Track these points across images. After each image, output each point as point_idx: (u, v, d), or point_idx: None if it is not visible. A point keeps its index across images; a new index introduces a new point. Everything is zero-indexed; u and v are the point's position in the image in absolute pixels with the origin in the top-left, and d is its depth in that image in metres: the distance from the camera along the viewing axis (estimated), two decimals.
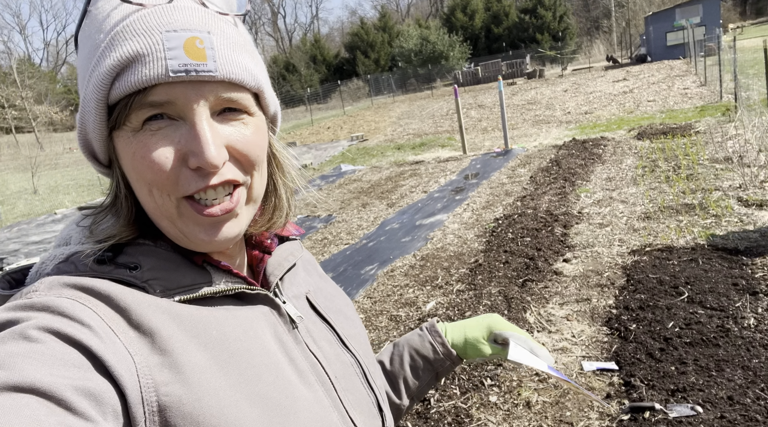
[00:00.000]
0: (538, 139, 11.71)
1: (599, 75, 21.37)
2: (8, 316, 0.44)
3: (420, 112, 21.49)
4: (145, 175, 0.50)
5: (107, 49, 0.48)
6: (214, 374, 0.48)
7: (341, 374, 0.63)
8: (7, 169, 25.43)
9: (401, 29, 45.62)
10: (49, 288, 0.48)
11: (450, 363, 0.87)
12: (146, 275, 0.52)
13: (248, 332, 0.54)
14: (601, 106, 15.19)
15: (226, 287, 0.55)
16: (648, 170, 7.04)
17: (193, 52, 0.48)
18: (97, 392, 0.41)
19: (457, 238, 5.66)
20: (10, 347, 0.41)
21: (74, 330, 0.43)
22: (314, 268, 0.77)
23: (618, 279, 4.00)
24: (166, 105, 0.49)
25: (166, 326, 0.48)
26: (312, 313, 0.67)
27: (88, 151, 0.55)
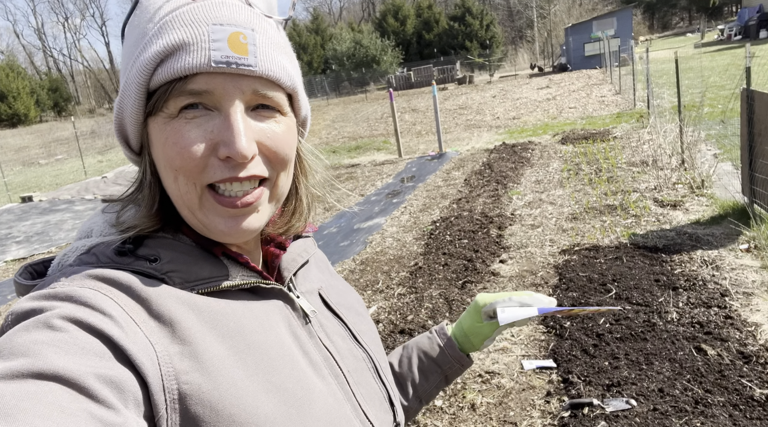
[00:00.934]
0: (471, 142, 12.04)
1: (524, 82, 22.35)
2: (32, 305, 0.45)
3: (355, 115, 21.50)
4: (174, 161, 0.51)
5: (155, 36, 0.51)
6: (232, 364, 0.50)
7: (354, 368, 0.64)
8: None
9: (334, 32, 45.55)
10: (72, 279, 0.49)
11: (459, 365, 0.88)
12: (166, 267, 0.53)
13: (264, 324, 0.55)
14: (527, 112, 15.87)
15: (243, 281, 0.56)
16: (572, 173, 7.41)
17: (237, 46, 0.50)
18: (118, 381, 0.42)
19: (396, 241, 5.67)
20: (35, 335, 0.42)
21: (96, 320, 0.45)
22: (326, 266, 0.78)
23: (551, 278, 4.15)
24: (205, 94, 0.50)
25: (186, 317, 0.50)
26: (324, 308, 0.68)
27: (122, 136, 0.57)
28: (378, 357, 0.70)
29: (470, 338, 0.87)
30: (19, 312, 0.45)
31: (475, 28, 42.74)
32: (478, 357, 3.19)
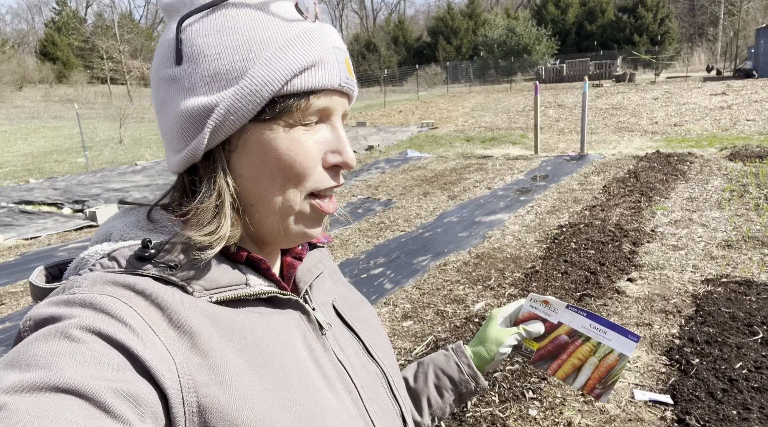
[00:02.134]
0: (618, 147, 11.11)
1: (696, 86, 19.90)
2: (51, 311, 0.45)
3: (495, 105, 20.94)
4: (291, 169, 0.53)
5: (287, 48, 0.52)
6: (250, 378, 0.50)
7: (367, 384, 0.63)
8: (98, 117, 27.27)
9: (488, 18, 44.43)
10: (93, 284, 0.48)
11: (474, 384, 0.86)
12: (186, 274, 0.52)
13: (280, 337, 0.55)
14: (693, 119, 14.17)
15: (261, 290, 0.56)
16: (736, 195, 6.50)
17: (349, 69, 0.57)
18: (136, 395, 0.42)
19: (516, 240, 5.48)
20: (53, 345, 0.41)
21: (115, 330, 0.44)
22: (339, 277, 0.77)
23: (686, 308, 3.73)
24: (325, 109, 0.55)
25: (205, 328, 0.49)
26: (338, 321, 0.67)
27: (211, 135, 0.53)
28: (391, 372, 0.69)
29: (486, 343, 0.85)
30: (38, 318, 0.44)
31: (647, 22, 38.82)
32: None
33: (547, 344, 0.82)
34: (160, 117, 0.56)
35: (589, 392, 0.79)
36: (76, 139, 18.17)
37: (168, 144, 0.56)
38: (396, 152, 12.34)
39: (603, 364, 0.78)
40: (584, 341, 0.80)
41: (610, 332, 0.79)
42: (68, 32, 52.89)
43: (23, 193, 9.56)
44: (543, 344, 0.82)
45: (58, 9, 57.88)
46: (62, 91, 43.13)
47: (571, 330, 0.81)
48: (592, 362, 0.79)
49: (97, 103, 36.85)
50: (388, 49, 46.91)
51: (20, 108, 33.52)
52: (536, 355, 0.83)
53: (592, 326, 0.80)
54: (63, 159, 14.17)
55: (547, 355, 0.82)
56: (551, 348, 0.82)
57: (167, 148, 0.56)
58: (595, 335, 0.79)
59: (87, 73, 49.74)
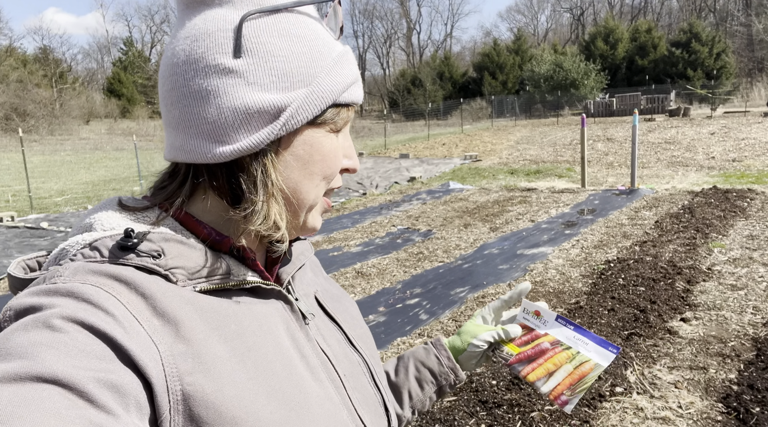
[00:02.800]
0: (672, 182, 10.66)
1: (756, 121, 18.99)
2: (32, 301, 0.44)
3: (541, 138, 20.66)
4: (329, 169, 0.59)
5: (341, 62, 0.58)
6: (234, 366, 0.49)
7: (350, 373, 0.64)
8: (156, 149, 28.71)
9: (535, 53, 44.45)
10: (74, 274, 0.47)
11: (454, 377, 0.87)
12: (170, 262, 0.52)
13: (263, 326, 0.55)
14: (753, 154, 13.47)
15: (245, 280, 0.56)
16: None
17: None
18: (119, 384, 0.41)
19: (559, 274, 5.26)
20: (34, 336, 0.41)
21: (98, 320, 0.43)
22: (320, 270, 0.79)
23: (745, 352, 3.42)
24: (348, 120, 0.61)
25: (190, 317, 0.49)
26: (320, 312, 0.68)
27: (282, 131, 0.55)
28: (373, 362, 0.71)
29: (461, 336, 0.87)
30: (19, 308, 0.44)
31: (702, 56, 37.77)
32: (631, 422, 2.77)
33: (528, 350, 0.83)
34: (201, 105, 0.52)
35: (555, 398, 0.78)
36: (133, 169, 19.14)
37: (205, 133, 0.53)
38: (438, 184, 12.28)
39: (577, 371, 0.79)
40: (564, 350, 0.81)
41: (591, 344, 0.81)
42: (133, 71, 56.69)
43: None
44: (524, 350, 0.83)
45: (125, 49, 62.26)
46: (125, 125, 45.89)
47: (555, 340, 0.82)
48: (566, 368, 0.79)
49: (155, 136, 38.91)
50: (433, 84, 47.55)
51: (86, 140, 35.83)
52: (515, 358, 0.83)
53: (576, 337, 0.82)
54: (120, 187, 14.91)
55: (525, 359, 0.82)
56: (531, 353, 0.82)
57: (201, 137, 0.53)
58: (576, 345, 0.81)
59: (148, 108, 52.83)
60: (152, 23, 73.78)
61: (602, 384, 3.08)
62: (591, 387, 0.76)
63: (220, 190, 0.55)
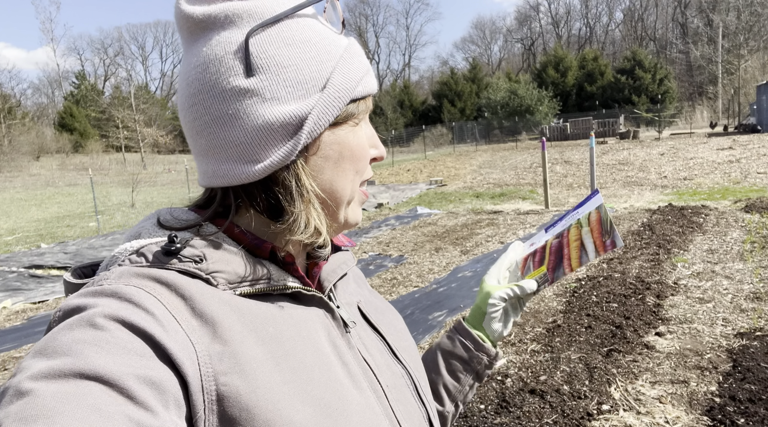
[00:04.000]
0: (629, 201, 11.04)
1: (701, 141, 20.07)
2: (78, 302, 0.46)
3: (502, 162, 21.16)
4: (360, 162, 0.59)
5: (350, 58, 0.57)
6: (270, 368, 0.49)
7: (392, 384, 0.62)
8: (112, 183, 27.85)
9: (490, 81, 45.97)
10: (119, 277, 0.49)
11: (486, 357, 0.83)
12: (210, 267, 0.53)
13: (302, 332, 0.55)
14: (702, 173, 14.17)
15: (285, 285, 0.57)
16: (758, 246, 6.32)
17: None
18: (159, 381, 0.42)
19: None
20: (78, 333, 0.42)
21: (139, 318, 0.44)
22: (364, 282, 0.78)
23: (722, 364, 3.49)
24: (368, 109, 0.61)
25: (227, 317, 0.50)
26: (363, 322, 0.67)
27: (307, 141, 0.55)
28: (417, 375, 0.68)
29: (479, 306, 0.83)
30: (66, 309, 0.46)
31: (646, 82, 39.96)
32: None
33: (550, 258, 0.82)
34: (225, 130, 0.54)
35: (603, 250, 0.78)
36: (89, 204, 18.44)
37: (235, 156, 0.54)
38: (406, 209, 12.33)
39: (593, 224, 0.79)
40: (569, 229, 0.81)
41: (581, 209, 0.82)
42: (86, 104, 55.29)
43: (34, 257, 9.54)
44: (547, 261, 0.82)
45: (78, 83, 60.82)
46: (78, 160, 44.44)
47: (556, 234, 0.83)
48: (585, 232, 0.79)
49: (111, 170, 37.82)
50: (394, 112, 48.34)
51: (36, 176, 34.44)
52: (549, 274, 0.81)
53: (567, 219, 0.83)
54: (75, 224, 14.30)
55: (555, 263, 0.81)
56: (554, 257, 0.82)
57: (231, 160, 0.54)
58: (572, 220, 0.82)
59: (102, 142, 51.45)
60: (105, 56, 72.57)
61: (589, 403, 3.06)
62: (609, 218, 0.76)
63: (260, 206, 0.56)
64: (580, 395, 3.15)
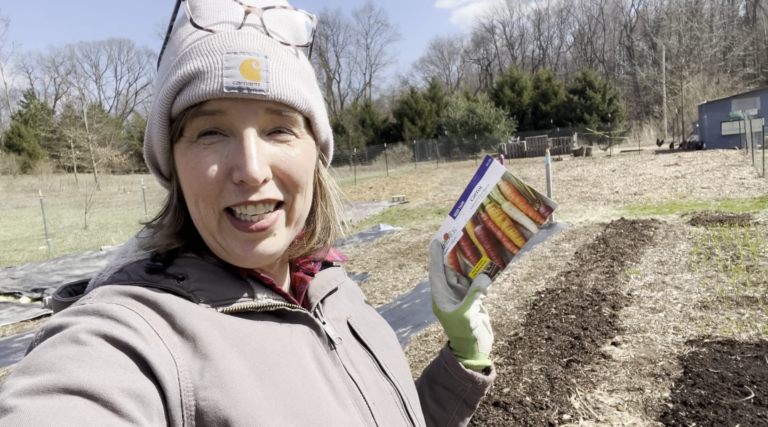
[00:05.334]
0: (584, 215, 11.43)
1: (649, 158, 21.07)
2: (61, 320, 0.46)
3: (463, 179, 21.56)
4: (193, 185, 0.53)
5: (175, 67, 0.53)
6: (252, 383, 0.49)
7: (379, 401, 0.61)
8: (63, 204, 26.75)
9: (449, 100, 46.98)
10: (101, 295, 0.50)
11: (472, 384, 0.78)
12: (192, 285, 0.53)
13: (286, 348, 0.55)
14: (651, 188, 14.83)
15: (268, 303, 0.56)
16: (704, 257, 6.66)
17: (249, 73, 0.52)
18: (142, 394, 0.42)
19: (495, 308, 5.40)
20: (61, 350, 0.42)
21: (121, 332, 0.45)
22: (358, 296, 0.76)
23: (674, 370, 3.65)
24: (218, 115, 0.52)
25: (209, 332, 0.50)
26: (352, 338, 0.66)
27: (153, 164, 0.59)
28: (407, 392, 0.66)
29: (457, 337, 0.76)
30: (48, 328, 0.46)
31: (596, 102, 41.71)
32: None
33: (484, 246, 0.75)
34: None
35: (542, 219, 0.72)
36: (38, 227, 17.65)
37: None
38: (369, 227, 12.36)
39: (511, 197, 0.73)
40: (485, 210, 0.75)
41: (481, 182, 0.75)
42: (36, 124, 53.16)
43: None
44: (483, 251, 0.75)
45: (27, 102, 58.49)
46: (26, 182, 42.50)
47: (472, 219, 0.76)
48: (507, 207, 0.73)
49: (62, 192, 36.34)
50: (356, 130, 48.62)
51: None
52: (496, 261, 0.75)
53: (471, 198, 0.76)
54: (23, 247, 13.64)
55: (495, 249, 0.74)
56: (488, 245, 0.74)
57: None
58: (480, 198, 0.75)
59: (53, 163, 49.47)
60: (56, 74, 70.26)
61: (550, 413, 3.14)
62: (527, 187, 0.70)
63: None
64: (542, 405, 3.23)
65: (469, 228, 0.76)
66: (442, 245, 0.79)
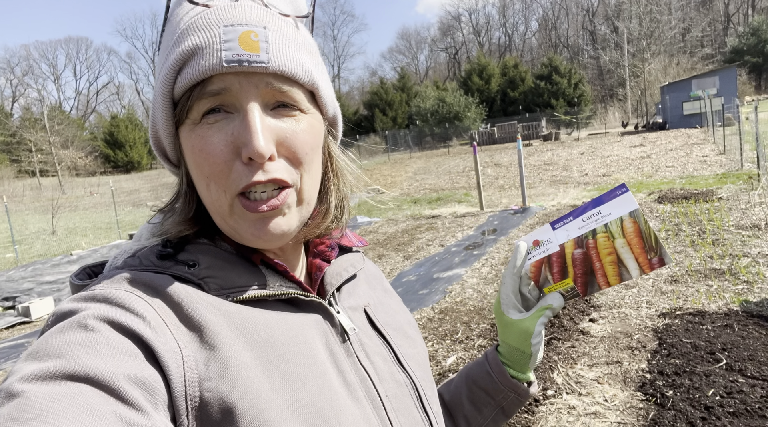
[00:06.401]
0: (556, 198, 11.68)
1: (615, 140, 21.59)
2: (71, 306, 0.46)
3: (436, 168, 21.72)
4: (203, 168, 0.52)
5: (173, 46, 0.51)
6: (258, 374, 0.48)
7: (393, 394, 0.59)
8: (27, 210, 25.90)
9: (419, 90, 47.06)
10: (111, 282, 0.50)
11: (514, 395, 0.76)
12: (203, 272, 0.53)
13: (297, 337, 0.53)
14: (619, 169, 15.22)
15: (280, 291, 0.55)
16: (672, 234, 6.91)
17: (248, 45, 0.50)
18: (148, 382, 0.42)
19: (476, 292, 5.51)
20: (69, 336, 0.42)
21: (128, 320, 0.45)
22: (379, 282, 0.74)
23: (649, 342, 3.80)
24: (223, 93, 0.50)
25: (216, 322, 0.49)
26: (368, 327, 0.64)
27: (160, 150, 0.58)
28: (423, 384, 0.64)
29: (513, 347, 0.74)
30: (59, 313, 0.46)
31: (563, 87, 42.39)
32: (567, 421, 2.94)
33: (575, 270, 0.71)
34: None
35: (650, 269, 0.67)
36: (3, 234, 17.07)
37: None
38: None
39: (629, 237, 0.68)
40: (594, 236, 0.70)
41: (602, 208, 0.70)
42: None
43: None
44: (572, 273, 0.71)
45: None
46: None
47: (575, 240, 0.71)
48: (620, 244, 0.68)
49: (25, 197, 35.13)
50: None
51: None
52: (578, 287, 0.71)
53: (584, 219, 0.71)
54: None
55: (585, 277, 0.70)
56: (580, 270, 0.70)
57: None
58: (596, 223, 0.70)
59: (13, 168, 47.71)
60: (12, 76, 67.65)
61: None
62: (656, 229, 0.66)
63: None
64: None
65: (569, 247, 0.71)
66: (529, 250, 0.75)
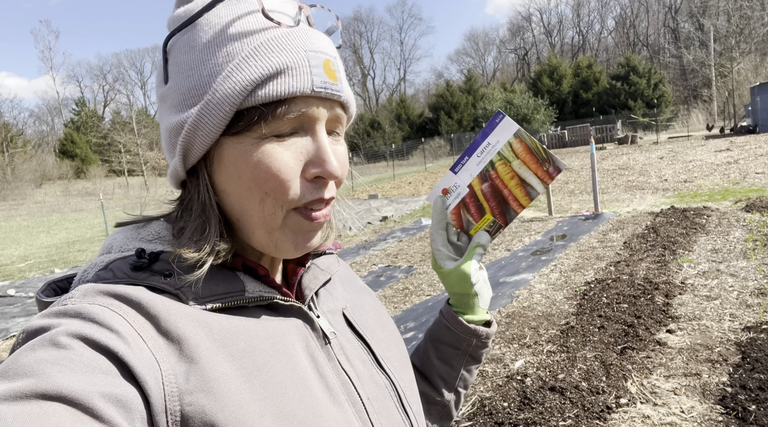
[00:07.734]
0: (632, 204, 11.21)
1: (699, 144, 20.31)
2: (42, 322, 0.45)
3: None
4: (267, 183, 0.51)
5: (250, 58, 0.51)
6: (240, 385, 0.48)
7: (374, 396, 0.60)
8: (117, 207, 28.04)
9: (486, 92, 46.43)
10: (84, 295, 0.48)
11: (475, 338, 0.79)
12: (180, 281, 0.51)
13: (277, 345, 0.53)
14: (702, 175, 14.35)
15: (259, 296, 0.55)
16: (760, 244, 6.48)
17: (330, 73, 0.53)
18: (124, 399, 0.41)
19: (544, 298, 5.44)
20: (40, 354, 0.41)
21: (102, 336, 0.43)
22: (352, 283, 0.75)
23: (731, 356, 3.63)
24: (301, 118, 0.52)
25: (195, 334, 0.48)
26: (348, 330, 0.65)
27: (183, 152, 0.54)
28: (403, 385, 0.65)
29: (457, 293, 0.77)
30: (30, 330, 0.45)
31: (641, 87, 40.37)
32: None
33: (489, 204, 0.75)
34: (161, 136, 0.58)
35: (550, 179, 0.73)
36: (97, 228, 18.64)
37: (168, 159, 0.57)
38: (410, 221, 12.50)
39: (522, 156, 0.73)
40: (494, 167, 0.74)
41: (490, 138, 0.74)
42: (87, 130, 55.79)
43: None
44: (488, 208, 0.75)
45: (78, 110, 61.33)
46: (81, 186, 44.70)
47: (479, 176, 0.75)
48: (517, 165, 0.73)
49: (115, 194, 38.06)
50: (392, 126, 48.73)
51: (41, 204, 34.66)
52: (498, 218, 0.75)
53: (479, 154, 0.75)
54: (86, 248, 14.47)
55: (500, 207, 0.75)
56: (494, 202, 0.75)
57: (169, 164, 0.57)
58: (490, 154, 0.74)
59: (104, 167, 51.77)
60: (105, 82, 73.39)
61: (607, 397, 3.21)
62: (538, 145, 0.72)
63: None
64: (598, 390, 3.30)
65: (476, 185, 0.75)
66: (443, 201, 0.78)
